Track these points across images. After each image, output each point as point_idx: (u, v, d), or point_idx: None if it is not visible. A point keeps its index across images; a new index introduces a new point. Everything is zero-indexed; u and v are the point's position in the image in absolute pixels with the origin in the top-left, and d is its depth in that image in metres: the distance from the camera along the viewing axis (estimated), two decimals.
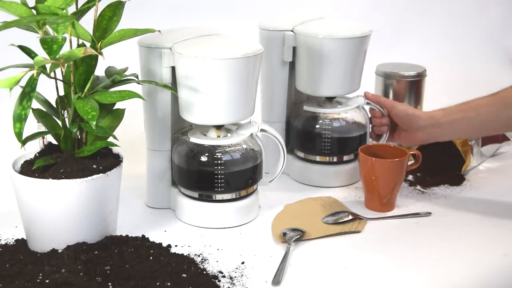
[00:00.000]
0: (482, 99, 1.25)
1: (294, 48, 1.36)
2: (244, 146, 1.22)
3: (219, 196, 1.20)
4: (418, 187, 1.39)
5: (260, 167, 1.24)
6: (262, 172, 1.25)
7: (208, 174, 1.19)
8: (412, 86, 1.51)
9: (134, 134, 1.62)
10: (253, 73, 1.16)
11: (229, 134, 1.22)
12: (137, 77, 1.14)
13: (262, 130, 1.23)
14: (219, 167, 1.19)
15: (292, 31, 1.35)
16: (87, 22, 1.09)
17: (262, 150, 1.24)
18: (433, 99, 1.73)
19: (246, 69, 1.14)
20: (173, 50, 1.16)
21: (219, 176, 1.19)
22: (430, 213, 1.26)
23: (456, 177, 1.42)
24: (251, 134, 1.22)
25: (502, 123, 1.23)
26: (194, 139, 1.20)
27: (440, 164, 1.45)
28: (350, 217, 1.23)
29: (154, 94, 1.21)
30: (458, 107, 1.27)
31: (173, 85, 1.20)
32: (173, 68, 1.18)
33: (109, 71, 1.16)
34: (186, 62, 1.14)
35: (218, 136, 1.21)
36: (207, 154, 1.20)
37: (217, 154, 1.19)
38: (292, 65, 1.39)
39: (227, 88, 1.14)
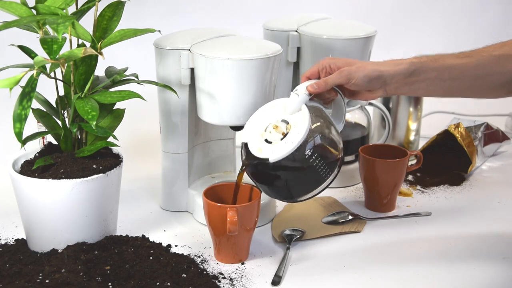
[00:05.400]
0: (456, 59, 1.09)
1: (299, 49, 1.36)
2: (313, 118, 1.08)
3: None
4: (418, 187, 1.39)
5: None
6: None
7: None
8: None
9: (133, 136, 1.62)
10: (272, 73, 1.15)
11: (287, 123, 1.09)
12: (137, 77, 1.14)
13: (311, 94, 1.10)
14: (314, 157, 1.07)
15: (296, 31, 1.35)
16: (87, 22, 1.09)
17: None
18: (433, 99, 1.73)
19: (267, 69, 1.14)
20: (192, 51, 1.16)
21: None
22: (430, 213, 1.26)
23: (456, 177, 1.42)
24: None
25: (474, 91, 1.10)
26: (276, 156, 1.05)
27: (444, 164, 1.45)
28: (350, 217, 1.24)
29: (169, 96, 1.20)
30: (430, 64, 1.09)
31: (191, 86, 1.20)
32: (191, 70, 1.18)
33: (109, 71, 1.16)
34: (207, 63, 1.13)
35: (283, 134, 1.07)
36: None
37: (307, 148, 1.06)
38: (297, 65, 1.38)
39: (248, 88, 1.13)
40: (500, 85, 1.08)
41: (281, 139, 1.05)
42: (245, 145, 1.08)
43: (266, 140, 1.06)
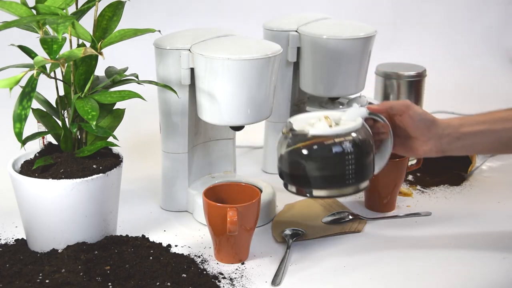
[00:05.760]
0: (505, 112, 1.09)
1: (299, 49, 1.36)
2: (364, 131, 1.08)
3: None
4: (418, 187, 1.39)
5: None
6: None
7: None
8: (412, 86, 1.51)
9: (134, 136, 1.62)
10: (271, 73, 1.15)
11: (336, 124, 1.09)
12: (137, 77, 1.14)
13: (370, 113, 1.10)
14: (350, 158, 1.05)
15: (296, 31, 1.35)
16: (87, 22, 1.09)
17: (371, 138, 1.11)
18: (433, 99, 1.73)
19: (267, 69, 1.14)
20: (192, 51, 1.16)
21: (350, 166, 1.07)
22: (430, 213, 1.26)
23: (456, 177, 1.42)
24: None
25: None
26: (317, 131, 1.05)
27: (444, 164, 1.45)
28: (350, 217, 1.23)
29: (169, 96, 1.20)
30: (480, 118, 1.10)
31: (191, 86, 1.20)
32: (191, 70, 1.18)
33: (109, 71, 1.16)
34: (207, 63, 1.13)
35: (330, 126, 1.07)
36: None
37: (346, 143, 1.05)
38: (297, 66, 1.38)
39: (248, 88, 1.13)
40: None
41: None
42: (288, 123, 1.08)
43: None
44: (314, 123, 1.08)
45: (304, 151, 1.05)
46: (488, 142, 1.09)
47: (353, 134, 1.05)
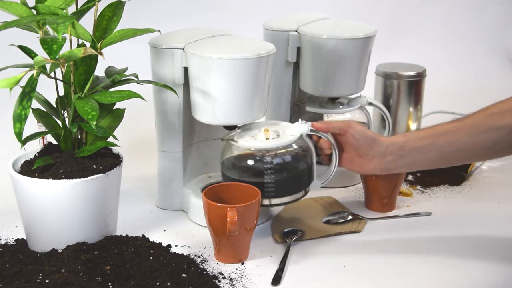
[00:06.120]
0: (449, 124, 1.10)
1: (299, 49, 1.36)
2: (295, 147, 1.16)
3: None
4: (418, 187, 1.39)
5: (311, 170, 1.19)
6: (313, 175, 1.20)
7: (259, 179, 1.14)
8: (412, 86, 1.51)
9: (133, 136, 1.62)
10: (265, 73, 1.15)
11: (277, 136, 1.17)
12: (137, 77, 1.14)
13: (312, 130, 1.18)
14: (269, 171, 1.14)
15: (296, 31, 1.35)
16: (87, 22, 1.09)
17: (313, 151, 1.19)
18: (433, 99, 1.73)
19: (260, 69, 1.14)
20: (186, 50, 1.16)
21: (269, 181, 1.14)
22: (430, 213, 1.26)
23: (456, 177, 1.42)
24: (301, 135, 1.17)
25: (476, 152, 1.08)
26: (242, 143, 1.15)
27: None
28: (350, 217, 1.24)
29: (165, 95, 1.20)
30: (423, 132, 1.12)
31: (186, 86, 1.20)
32: (185, 69, 1.18)
33: (109, 71, 1.16)
34: (199, 62, 1.13)
35: (267, 139, 1.15)
36: (257, 158, 1.14)
37: (267, 158, 1.14)
38: (297, 66, 1.38)
39: (241, 88, 1.13)
40: (502, 141, 1.06)
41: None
42: (236, 130, 1.19)
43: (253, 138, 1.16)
44: (257, 133, 1.16)
45: (228, 160, 1.17)
46: (430, 158, 1.11)
47: (280, 150, 1.14)
